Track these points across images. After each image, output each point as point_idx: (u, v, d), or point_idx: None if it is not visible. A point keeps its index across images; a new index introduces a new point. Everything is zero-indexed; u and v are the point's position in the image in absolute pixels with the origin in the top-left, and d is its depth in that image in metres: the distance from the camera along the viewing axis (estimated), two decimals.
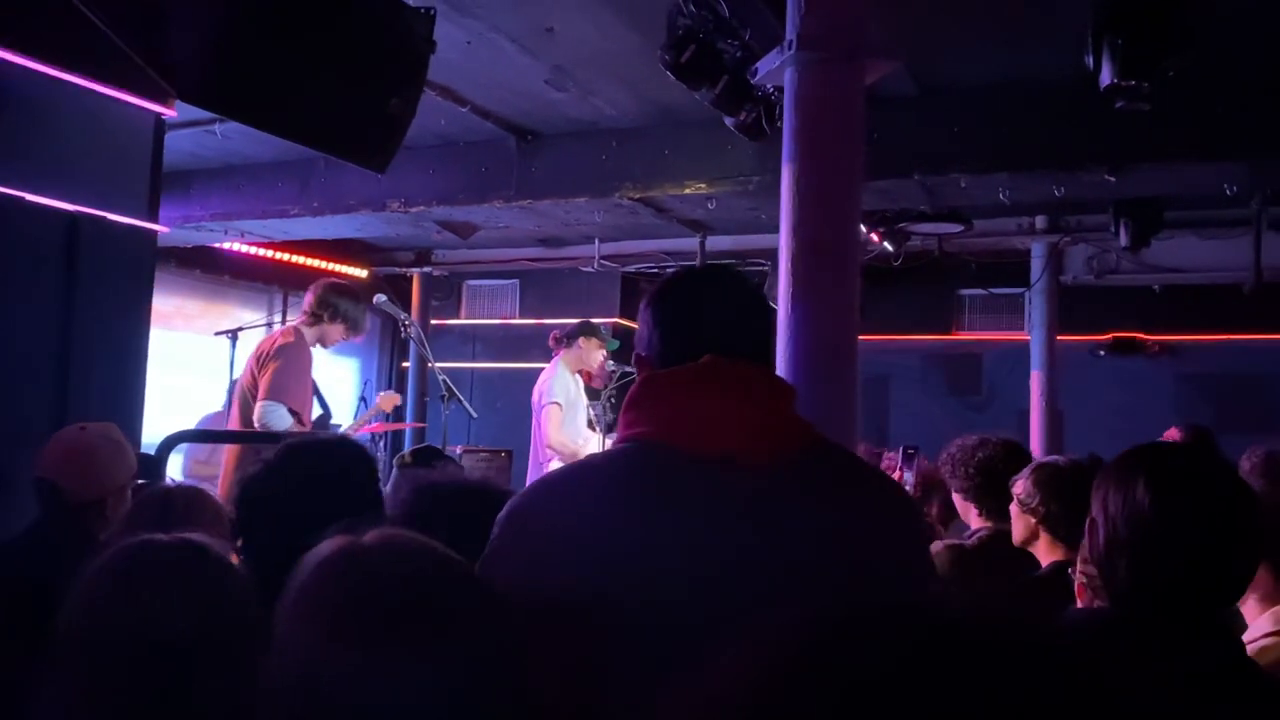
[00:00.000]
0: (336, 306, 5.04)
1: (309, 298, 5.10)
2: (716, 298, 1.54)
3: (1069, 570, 2.60)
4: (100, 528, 2.97)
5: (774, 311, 1.61)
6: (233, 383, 7.14)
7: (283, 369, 4.75)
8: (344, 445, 2.22)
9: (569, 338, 6.42)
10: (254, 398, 4.79)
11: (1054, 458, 3.06)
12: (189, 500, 2.57)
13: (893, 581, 1.40)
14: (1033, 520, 2.83)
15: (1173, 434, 5.22)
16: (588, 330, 6.46)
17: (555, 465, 6.06)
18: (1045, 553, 2.83)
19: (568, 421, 6.24)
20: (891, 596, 1.36)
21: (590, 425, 6.81)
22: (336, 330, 5.10)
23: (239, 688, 1.31)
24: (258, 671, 1.32)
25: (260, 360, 4.87)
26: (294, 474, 2.07)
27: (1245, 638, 1.99)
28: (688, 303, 1.53)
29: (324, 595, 1.07)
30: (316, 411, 5.50)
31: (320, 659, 1.03)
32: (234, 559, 2.67)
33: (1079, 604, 2.29)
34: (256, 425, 4.70)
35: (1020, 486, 2.87)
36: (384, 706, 1.01)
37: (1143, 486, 1.66)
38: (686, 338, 1.47)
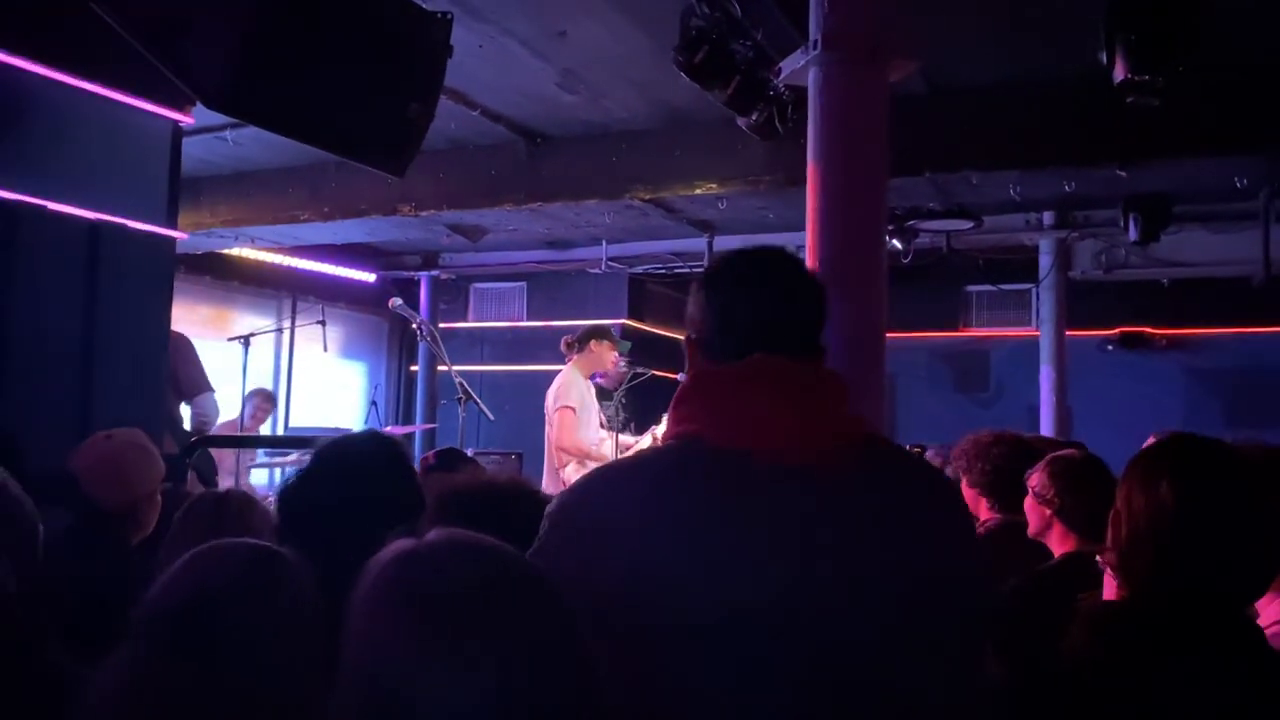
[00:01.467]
0: None
1: None
2: (770, 284, 1.51)
3: (1082, 560, 2.63)
4: (134, 532, 2.99)
5: (826, 296, 1.58)
6: (253, 392, 7.18)
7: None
8: (378, 442, 2.22)
9: (580, 342, 6.43)
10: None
11: (1069, 451, 3.10)
12: (242, 506, 2.58)
13: (949, 573, 1.39)
14: (1048, 511, 2.88)
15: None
16: (598, 334, 6.47)
17: (571, 469, 6.09)
18: (1058, 543, 2.87)
19: (582, 425, 6.26)
20: (949, 590, 1.38)
21: (603, 426, 6.83)
22: None
23: (313, 689, 1.32)
24: (327, 673, 1.35)
25: None
26: (330, 475, 2.07)
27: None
28: (740, 289, 1.50)
29: (393, 595, 1.08)
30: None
31: (390, 658, 1.04)
32: None
33: (1105, 595, 2.31)
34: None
35: (1036, 479, 2.91)
36: (452, 704, 1.02)
37: (1167, 481, 1.67)
38: (738, 328, 1.46)
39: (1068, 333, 8.80)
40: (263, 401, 7.43)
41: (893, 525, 1.37)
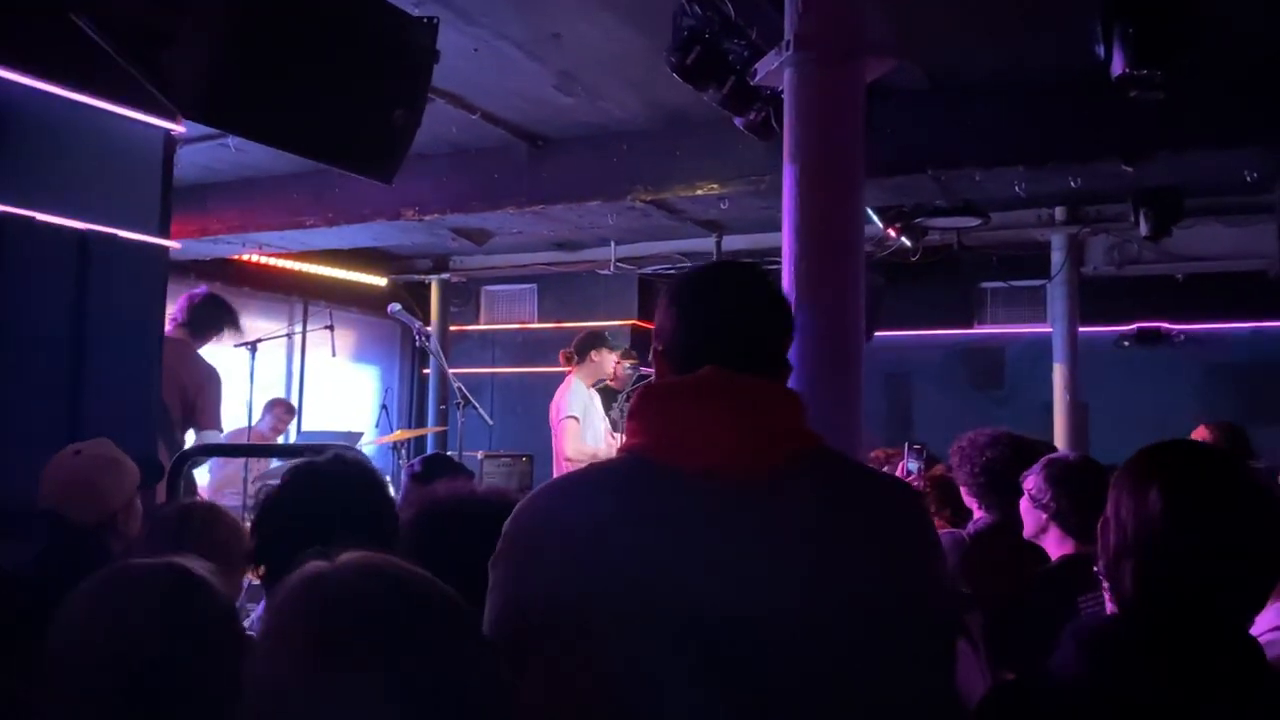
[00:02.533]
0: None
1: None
2: (733, 299, 1.51)
3: (1080, 563, 2.60)
4: (116, 542, 2.98)
5: (792, 314, 1.57)
6: (273, 402, 7.22)
7: None
8: (352, 466, 2.20)
9: (579, 353, 6.46)
10: None
11: (1064, 453, 3.07)
12: (205, 517, 2.57)
13: (902, 586, 1.37)
14: (1043, 515, 2.85)
15: (1201, 433, 5.06)
16: (596, 341, 6.51)
17: None
18: (1056, 546, 2.85)
19: (586, 432, 6.28)
20: (902, 602, 1.35)
21: (613, 430, 6.86)
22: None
23: (220, 711, 1.30)
24: (231, 692, 1.32)
25: None
26: (304, 496, 2.07)
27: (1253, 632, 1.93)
28: (703, 303, 1.51)
29: (288, 620, 1.07)
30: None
31: (285, 685, 1.03)
32: (247, 575, 2.69)
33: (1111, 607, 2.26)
34: None
35: (1031, 482, 2.89)
36: None
37: (1156, 490, 1.60)
38: (697, 341, 1.47)
39: (1082, 329, 8.69)
40: (283, 413, 7.46)
41: (838, 540, 1.35)
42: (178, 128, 4.55)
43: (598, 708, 1.26)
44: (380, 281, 10.59)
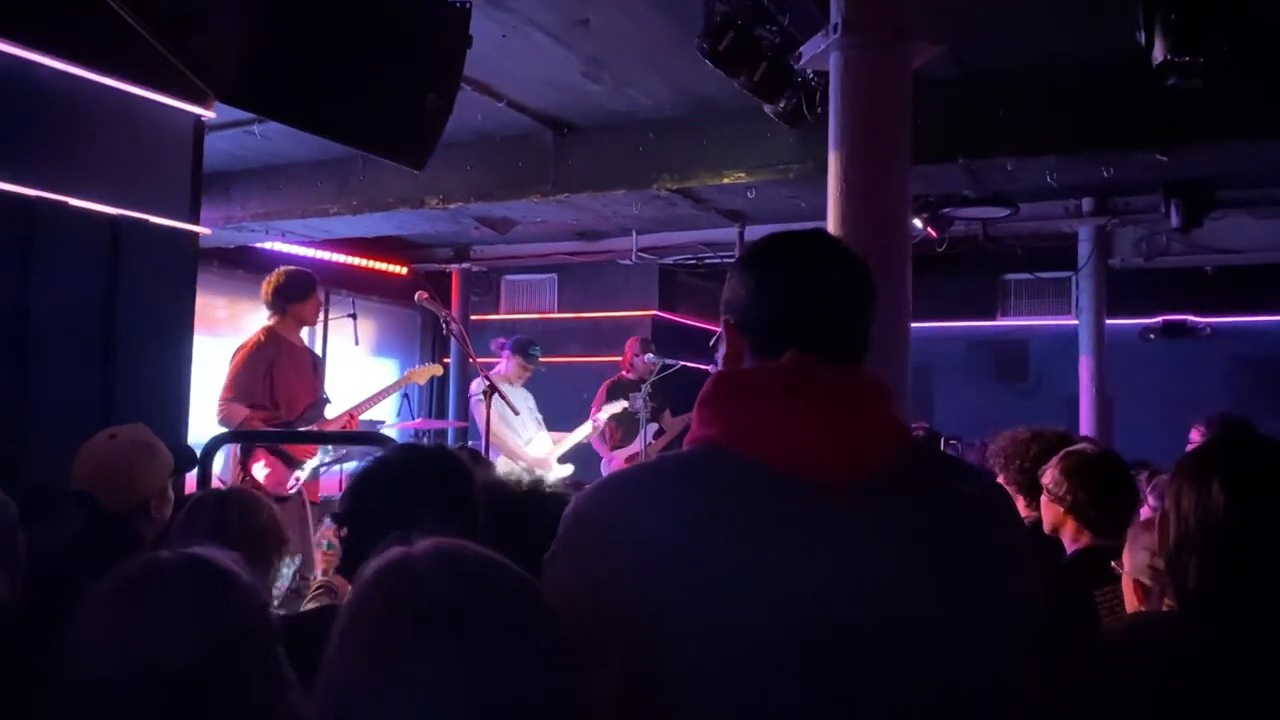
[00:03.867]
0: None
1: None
2: (820, 274, 1.38)
3: (1096, 557, 2.58)
4: (147, 528, 2.97)
5: (876, 290, 1.43)
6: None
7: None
8: (448, 457, 2.21)
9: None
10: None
11: (1082, 446, 3.04)
12: (244, 506, 2.54)
13: (999, 599, 1.28)
14: (1060, 509, 2.82)
15: (1195, 435, 4.89)
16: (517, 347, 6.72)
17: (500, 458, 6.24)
18: (1071, 540, 2.83)
19: (508, 427, 6.34)
20: (998, 616, 1.25)
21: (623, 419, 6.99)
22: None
23: (250, 706, 1.28)
24: (271, 689, 1.30)
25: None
26: (397, 474, 2.08)
27: None
28: (785, 277, 1.38)
29: (368, 605, 1.06)
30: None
31: (362, 667, 1.03)
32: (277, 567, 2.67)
33: (1130, 601, 2.24)
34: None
35: (1049, 476, 2.88)
36: (422, 714, 1.00)
37: (1218, 483, 1.59)
38: (779, 319, 1.35)
39: (1108, 321, 8.62)
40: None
41: (937, 552, 1.25)
42: (208, 113, 4.54)
43: (682, 714, 1.19)
44: (401, 270, 10.58)
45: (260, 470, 4.82)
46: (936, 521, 1.28)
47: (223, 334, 8.75)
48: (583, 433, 6.86)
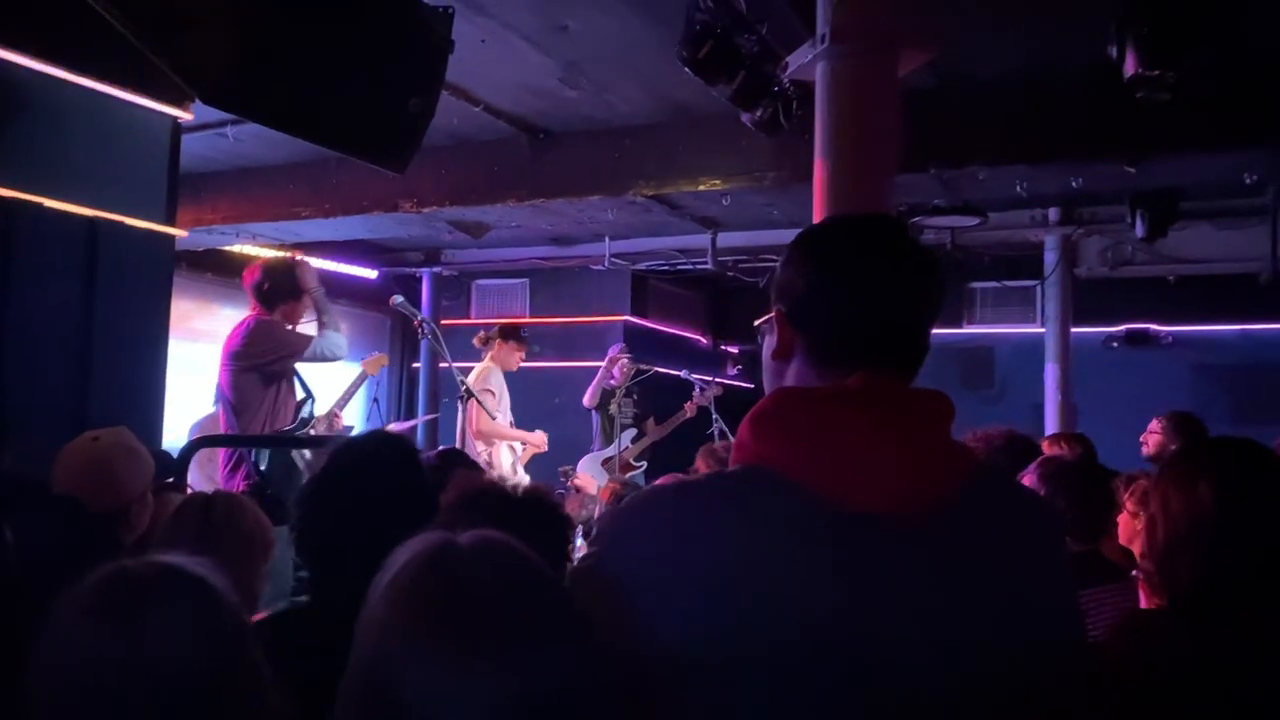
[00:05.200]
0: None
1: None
2: (895, 278, 1.25)
3: (1075, 563, 2.61)
4: (126, 533, 2.94)
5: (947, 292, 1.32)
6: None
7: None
8: (390, 442, 2.20)
9: (491, 339, 6.69)
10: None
11: (1061, 452, 3.08)
12: (230, 509, 2.52)
13: (1045, 637, 1.22)
14: None
15: (1154, 426, 5.02)
16: (504, 334, 6.71)
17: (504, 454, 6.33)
18: None
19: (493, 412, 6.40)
20: (1041, 652, 1.19)
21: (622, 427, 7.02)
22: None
23: (229, 714, 1.27)
24: (251, 695, 1.30)
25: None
26: (344, 475, 2.06)
27: None
28: (857, 279, 1.24)
29: (415, 588, 1.06)
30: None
31: (404, 647, 1.04)
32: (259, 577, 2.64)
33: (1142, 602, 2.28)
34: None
35: (1027, 481, 2.89)
36: (453, 705, 1.02)
37: (1205, 484, 1.63)
38: (846, 328, 1.23)
39: (1073, 330, 8.74)
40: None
41: (1002, 584, 1.20)
42: (185, 115, 4.51)
43: None
44: (372, 275, 10.52)
45: None
46: (1004, 554, 1.21)
47: (189, 337, 8.66)
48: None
